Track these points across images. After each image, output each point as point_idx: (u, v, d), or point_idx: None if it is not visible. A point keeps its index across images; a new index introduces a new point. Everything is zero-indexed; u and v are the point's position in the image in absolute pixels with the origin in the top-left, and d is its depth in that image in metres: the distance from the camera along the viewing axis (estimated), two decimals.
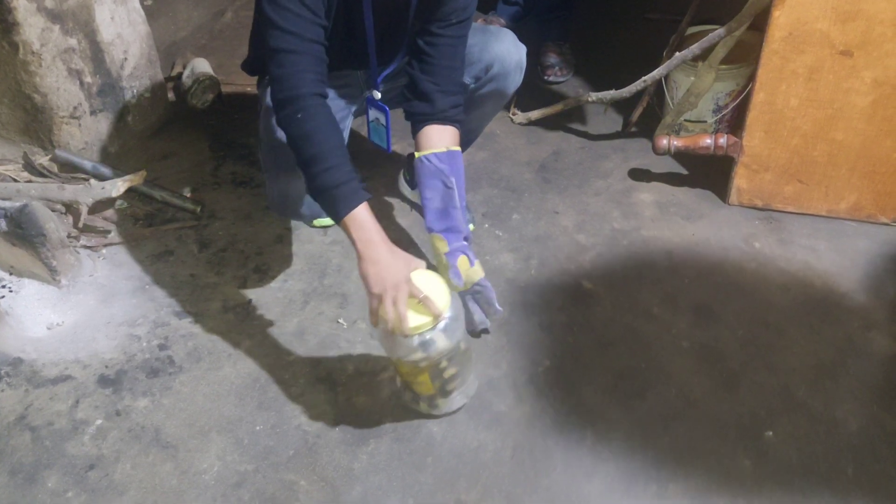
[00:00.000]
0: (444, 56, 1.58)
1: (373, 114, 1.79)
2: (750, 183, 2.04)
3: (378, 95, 1.73)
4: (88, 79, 2.06)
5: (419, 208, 2.08)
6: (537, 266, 1.94)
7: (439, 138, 1.63)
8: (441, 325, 1.37)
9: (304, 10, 1.39)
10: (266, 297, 1.83)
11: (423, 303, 1.36)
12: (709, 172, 2.18)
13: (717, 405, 1.59)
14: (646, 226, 2.06)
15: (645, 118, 2.37)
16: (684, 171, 2.24)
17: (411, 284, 1.36)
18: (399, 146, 2.24)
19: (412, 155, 2.04)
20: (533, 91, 2.50)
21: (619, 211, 2.11)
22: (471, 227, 2.02)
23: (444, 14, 1.55)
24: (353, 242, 1.39)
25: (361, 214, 1.39)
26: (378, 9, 1.55)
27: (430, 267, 1.47)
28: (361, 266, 1.38)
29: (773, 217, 2.07)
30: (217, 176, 2.20)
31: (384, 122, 1.76)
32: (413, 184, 2.09)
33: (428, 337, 1.36)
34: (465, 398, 1.55)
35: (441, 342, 1.38)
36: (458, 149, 1.66)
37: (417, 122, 1.65)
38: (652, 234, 2.03)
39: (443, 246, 1.63)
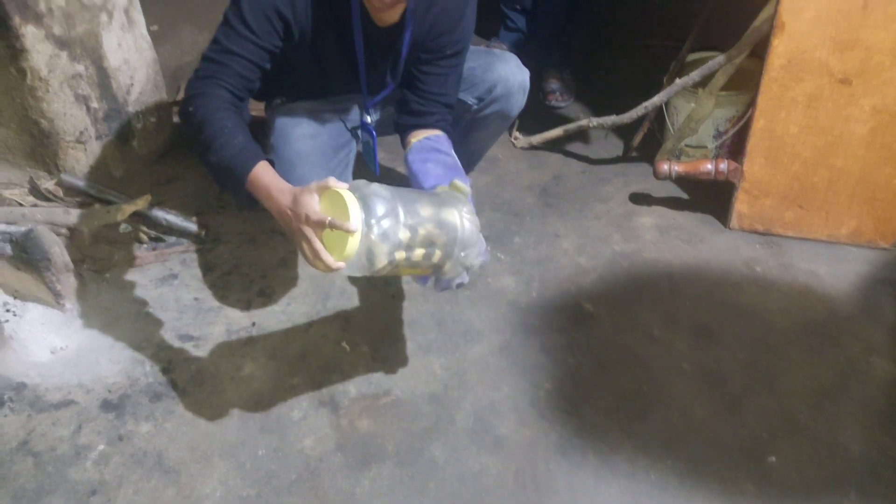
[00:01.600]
0: (435, 84, 1.63)
1: (364, 136, 1.83)
2: (751, 208, 2.06)
3: (368, 119, 1.77)
4: (95, 104, 2.09)
5: None
6: (538, 288, 1.94)
7: (426, 132, 1.68)
8: (370, 233, 1.26)
9: (246, 31, 1.46)
10: (270, 321, 1.84)
11: (332, 227, 1.25)
12: (709, 197, 2.20)
13: (719, 428, 1.59)
14: (646, 249, 2.07)
15: (646, 143, 2.39)
16: (685, 196, 2.26)
17: (314, 216, 1.26)
18: (402, 168, 2.26)
19: None
20: (534, 116, 2.52)
21: (620, 234, 2.13)
22: None
23: (440, 46, 1.59)
24: (262, 203, 1.37)
25: (259, 174, 1.35)
26: (369, 37, 1.58)
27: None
28: (278, 224, 1.36)
29: (774, 241, 2.08)
30: (221, 199, 2.21)
31: (372, 146, 1.81)
32: None
33: (364, 256, 1.27)
34: (460, 268, 1.41)
35: (379, 248, 1.28)
36: (444, 134, 1.69)
37: (405, 130, 1.71)
38: (652, 256, 2.04)
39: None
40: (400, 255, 1.33)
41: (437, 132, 1.68)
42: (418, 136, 1.67)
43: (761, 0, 1.93)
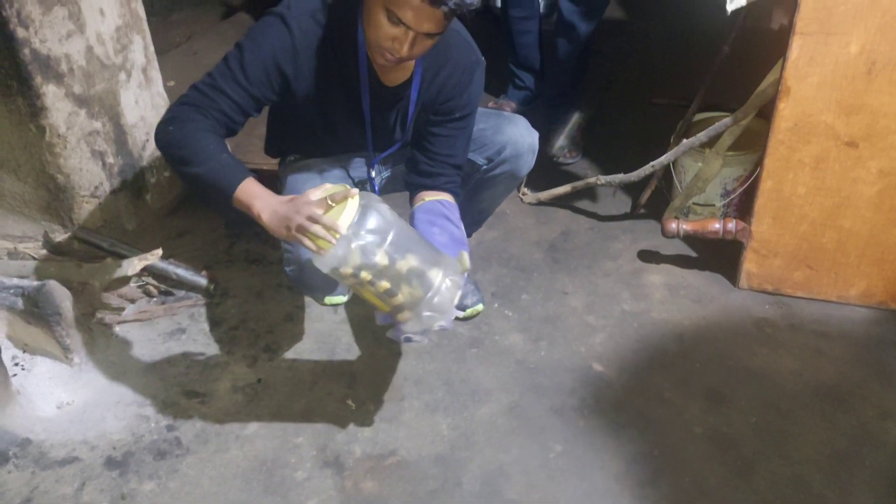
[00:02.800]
0: (444, 146, 1.67)
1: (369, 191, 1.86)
2: (759, 267, 2.05)
3: (373, 174, 1.80)
4: (111, 159, 2.12)
5: None
6: (547, 347, 1.93)
7: (437, 194, 1.71)
8: (351, 240, 1.32)
9: (241, 76, 1.48)
10: (275, 377, 1.83)
11: (332, 201, 1.32)
12: (718, 255, 2.20)
13: (731, 494, 1.56)
14: (656, 308, 2.06)
15: (654, 200, 2.40)
16: (693, 254, 2.26)
17: (313, 200, 1.33)
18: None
19: None
20: (542, 172, 2.53)
21: (629, 292, 2.12)
22: (480, 306, 2.04)
23: (448, 109, 1.62)
24: (250, 212, 1.39)
25: (248, 186, 1.40)
26: (376, 95, 1.61)
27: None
28: (264, 223, 1.37)
29: (784, 302, 2.07)
30: (231, 253, 2.23)
31: None
32: None
33: (338, 250, 1.32)
34: (419, 326, 1.41)
35: (353, 256, 1.32)
36: (455, 203, 1.73)
37: (414, 189, 1.74)
38: (662, 316, 2.03)
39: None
40: (366, 275, 1.36)
41: (448, 197, 1.69)
42: (429, 197, 1.69)
43: (767, 63, 1.96)
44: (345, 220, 1.31)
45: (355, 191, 1.35)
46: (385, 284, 1.37)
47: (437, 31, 1.40)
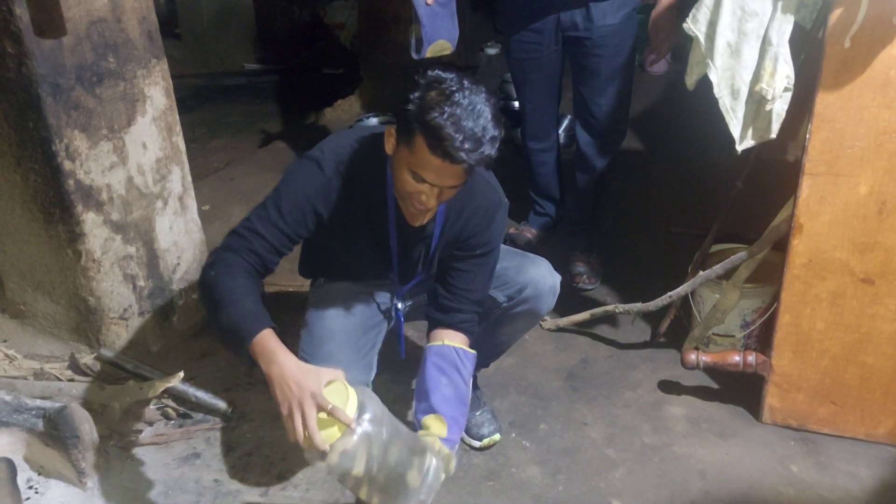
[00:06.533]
0: (463, 281, 1.71)
1: (393, 320, 1.89)
2: (782, 402, 2.01)
3: (399, 305, 1.84)
4: (141, 283, 2.20)
5: None
6: (565, 482, 1.89)
7: (454, 337, 1.72)
8: (353, 436, 1.35)
9: (277, 218, 1.57)
10: None
11: (331, 414, 1.35)
12: (740, 387, 2.16)
13: None
14: (677, 442, 2.01)
15: (673, 328, 2.39)
16: (715, 385, 2.22)
17: (318, 397, 1.36)
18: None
19: None
20: (562, 298, 2.51)
21: (650, 425, 2.08)
22: (497, 436, 2.01)
23: (470, 246, 1.68)
24: (261, 368, 1.43)
25: (265, 339, 1.43)
26: (402, 233, 1.68)
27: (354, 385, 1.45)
28: (270, 386, 1.41)
29: (810, 438, 2.01)
30: (251, 376, 2.24)
31: (398, 332, 1.88)
32: None
33: (339, 450, 1.35)
34: None
35: (348, 459, 1.35)
36: (473, 353, 1.75)
37: (433, 323, 1.76)
38: (684, 451, 1.98)
39: (443, 430, 1.60)
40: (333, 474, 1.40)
41: (464, 344, 1.72)
42: (448, 340, 1.71)
43: (782, 194, 1.98)
44: (331, 437, 1.35)
45: (355, 425, 1.38)
46: (364, 490, 1.42)
47: (461, 183, 1.48)
